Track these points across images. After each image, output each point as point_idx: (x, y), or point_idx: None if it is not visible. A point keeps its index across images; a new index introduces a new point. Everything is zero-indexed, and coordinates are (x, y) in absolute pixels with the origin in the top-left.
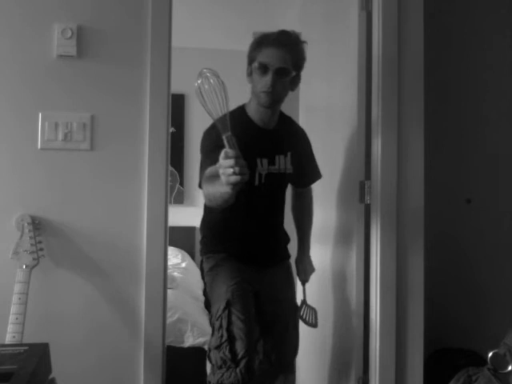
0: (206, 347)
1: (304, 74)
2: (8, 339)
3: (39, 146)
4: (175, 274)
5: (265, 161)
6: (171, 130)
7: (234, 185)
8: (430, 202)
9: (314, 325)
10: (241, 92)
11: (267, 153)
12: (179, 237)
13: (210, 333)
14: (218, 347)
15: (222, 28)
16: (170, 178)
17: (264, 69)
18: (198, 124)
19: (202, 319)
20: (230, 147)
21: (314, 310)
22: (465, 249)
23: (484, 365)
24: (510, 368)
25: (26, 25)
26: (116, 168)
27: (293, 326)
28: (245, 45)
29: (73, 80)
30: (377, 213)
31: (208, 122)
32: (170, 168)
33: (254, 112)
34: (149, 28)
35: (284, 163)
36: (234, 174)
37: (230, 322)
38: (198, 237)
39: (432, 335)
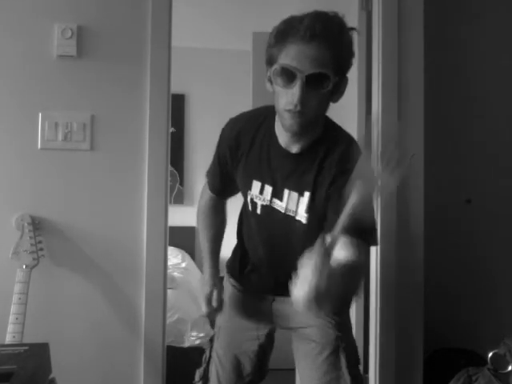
0: (205, 347)
1: None
2: (8, 339)
3: (39, 146)
4: (175, 274)
5: (268, 188)
6: (171, 130)
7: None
8: (430, 202)
9: None
10: (242, 93)
11: (274, 180)
12: (179, 237)
13: (209, 332)
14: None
15: (223, 28)
16: (169, 178)
17: (289, 76)
18: (198, 124)
19: (202, 319)
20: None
21: None
22: (465, 249)
23: (484, 365)
24: (510, 368)
25: (26, 25)
26: (116, 168)
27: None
28: (245, 45)
29: (73, 80)
30: (376, 213)
31: (208, 124)
32: (170, 168)
33: (278, 128)
34: (149, 28)
35: (295, 205)
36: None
37: (210, 357)
38: (198, 237)
39: (432, 335)
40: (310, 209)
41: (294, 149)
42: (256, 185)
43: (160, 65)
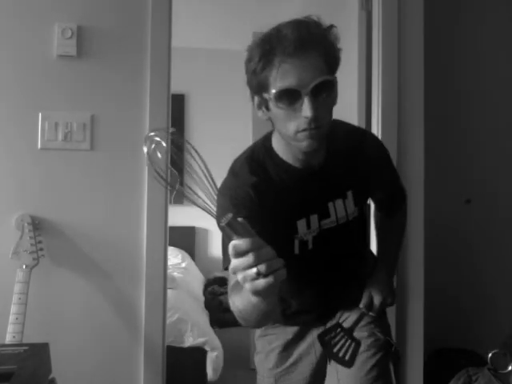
0: (205, 347)
1: None
2: (8, 339)
3: (39, 146)
4: (175, 274)
5: (313, 218)
6: (171, 129)
7: (267, 291)
8: (430, 202)
9: (346, 362)
10: (241, 93)
11: (315, 206)
12: (179, 237)
13: (209, 333)
14: None
15: (222, 28)
16: (169, 178)
17: (293, 95)
18: (198, 124)
19: (202, 319)
20: (238, 234)
21: (355, 345)
22: (465, 249)
23: (484, 365)
24: (510, 368)
25: (26, 25)
26: (116, 168)
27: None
28: (245, 45)
29: (73, 80)
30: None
31: (208, 124)
32: (170, 168)
33: (286, 152)
34: (149, 28)
35: (343, 209)
36: (260, 275)
37: None
38: (198, 237)
39: (432, 335)
40: (358, 201)
41: (316, 164)
42: (301, 224)
43: (160, 65)
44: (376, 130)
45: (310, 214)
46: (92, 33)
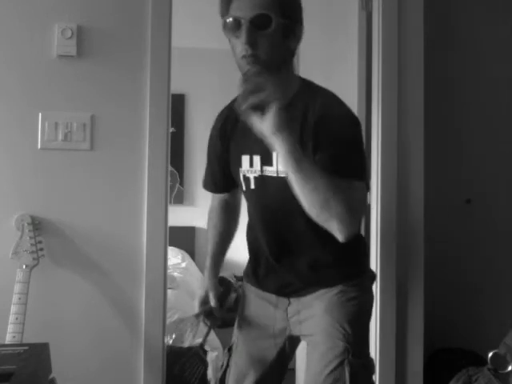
0: (205, 347)
1: (303, 75)
2: (8, 339)
3: (39, 146)
4: (175, 274)
5: (256, 159)
6: (171, 129)
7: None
8: (430, 202)
9: None
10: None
11: (258, 148)
12: (179, 237)
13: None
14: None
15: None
16: (169, 178)
17: (236, 25)
18: (198, 124)
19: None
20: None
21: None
22: (465, 249)
23: (484, 365)
24: (510, 368)
25: (27, 25)
26: (116, 168)
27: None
28: None
29: (73, 80)
30: (376, 213)
31: (208, 124)
32: (170, 168)
33: None
34: (149, 28)
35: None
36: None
37: (228, 366)
38: (198, 237)
39: (432, 335)
40: None
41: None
42: (245, 159)
43: (160, 65)
44: (376, 130)
45: (253, 153)
46: (92, 33)
